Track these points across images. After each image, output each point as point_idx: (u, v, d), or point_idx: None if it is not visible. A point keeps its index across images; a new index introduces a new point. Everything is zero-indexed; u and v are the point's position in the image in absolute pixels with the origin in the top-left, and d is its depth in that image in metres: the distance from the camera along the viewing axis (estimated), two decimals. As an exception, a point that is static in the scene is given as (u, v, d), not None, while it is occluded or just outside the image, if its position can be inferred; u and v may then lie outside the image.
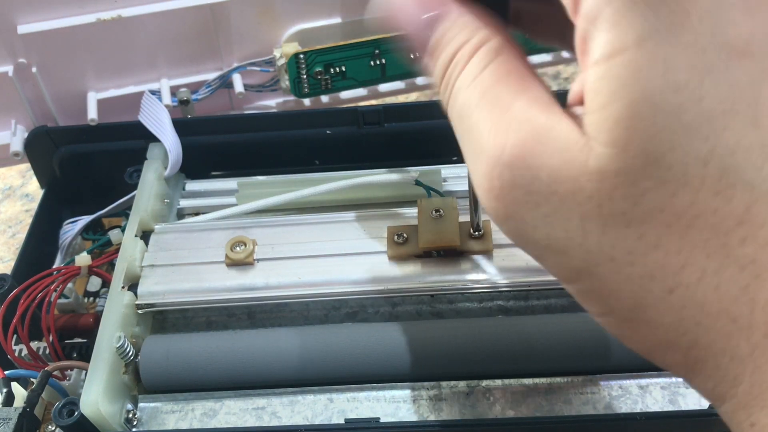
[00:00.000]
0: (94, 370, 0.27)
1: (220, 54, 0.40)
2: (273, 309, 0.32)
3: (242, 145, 0.38)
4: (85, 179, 0.39)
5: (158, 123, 0.36)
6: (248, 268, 0.31)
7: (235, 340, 0.29)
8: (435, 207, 0.31)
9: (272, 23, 0.40)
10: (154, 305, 0.31)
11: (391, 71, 0.41)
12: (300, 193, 0.34)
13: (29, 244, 0.36)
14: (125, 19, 0.37)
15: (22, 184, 0.53)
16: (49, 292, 0.31)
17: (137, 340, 0.30)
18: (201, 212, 0.36)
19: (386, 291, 0.30)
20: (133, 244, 0.32)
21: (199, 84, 0.41)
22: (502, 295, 0.31)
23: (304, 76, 0.40)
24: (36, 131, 0.38)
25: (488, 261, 0.30)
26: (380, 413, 0.28)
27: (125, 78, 0.40)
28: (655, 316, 0.15)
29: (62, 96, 0.39)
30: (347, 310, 0.31)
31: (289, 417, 0.28)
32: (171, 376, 0.29)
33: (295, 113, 0.40)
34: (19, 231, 0.49)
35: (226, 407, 0.29)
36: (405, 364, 0.28)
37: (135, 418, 0.28)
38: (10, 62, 0.37)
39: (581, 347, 0.28)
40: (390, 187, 0.35)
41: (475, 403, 0.28)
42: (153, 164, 0.35)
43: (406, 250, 0.30)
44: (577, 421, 0.26)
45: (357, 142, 0.38)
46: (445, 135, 0.25)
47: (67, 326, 0.33)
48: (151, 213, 0.34)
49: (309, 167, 0.38)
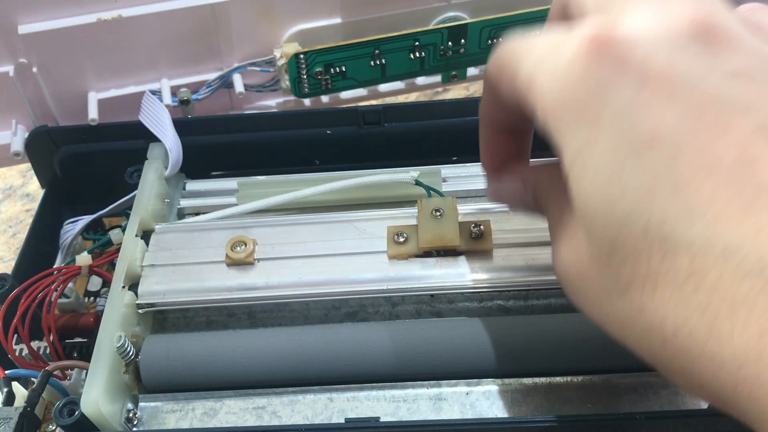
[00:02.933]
0: (94, 369, 0.27)
1: (220, 54, 0.40)
2: (273, 309, 0.32)
3: (242, 145, 0.38)
4: (85, 179, 0.39)
5: (159, 123, 0.36)
6: (248, 267, 0.31)
7: (235, 340, 0.30)
8: (435, 207, 0.31)
9: (272, 23, 0.40)
10: (154, 305, 0.31)
11: (391, 71, 0.41)
12: (300, 193, 0.34)
13: (30, 243, 0.36)
14: (126, 19, 0.37)
15: (23, 183, 0.53)
16: (50, 292, 0.31)
17: (137, 339, 0.30)
18: (201, 212, 0.36)
19: (386, 291, 0.30)
20: (134, 244, 0.32)
21: (199, 84, 0.41)
22: (502, 295, 0.31)
23: (305, 76, 0.40)
24: (36, 131, 0.38)
25: (488, 261, 0.30)
26: (380, 413, 0.28)
27: (126, 78, 0.40)
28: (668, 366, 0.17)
29: (63, 96, 0.39)
30: (347, 310, 0.31)
31: (290, 416, 0.28)
32: (171, 376, 0.29)
33: (295, 113, 0.40)
34: (20, 231, 0.49)
35: (226, 407, 0.29)
36: (405, 363, 0.28)
37: (135, 417, 0.28)
38: (11, 62, 0.37)
39: (581, 347, 0.28)
40: (390, 187, 0.35)
41: (475, 403, 0.28)
42: (153, 164, 0.35)
43: (406, 250, 0.31)
44: (577, 421, 0.26)
45: (357, 142, 0.38)
46: (445, 135, 0.25)
47: (68, 326, 0.33)
48: (152, 213, 0.34)
49: (309, 167, 0.38)
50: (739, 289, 0.15)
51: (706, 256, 0.16)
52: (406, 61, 0.41)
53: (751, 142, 0.16)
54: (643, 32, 0.18)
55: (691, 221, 0.16)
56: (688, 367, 0.17)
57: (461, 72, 0.43)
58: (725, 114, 0.17)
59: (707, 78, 0.17)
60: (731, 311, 0.15)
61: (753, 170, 0.16)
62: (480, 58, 0.42)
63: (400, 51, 0.40)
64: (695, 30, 0.18)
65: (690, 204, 0.16)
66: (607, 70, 0.18)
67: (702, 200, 0.16)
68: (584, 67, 0.18)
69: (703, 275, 0.16)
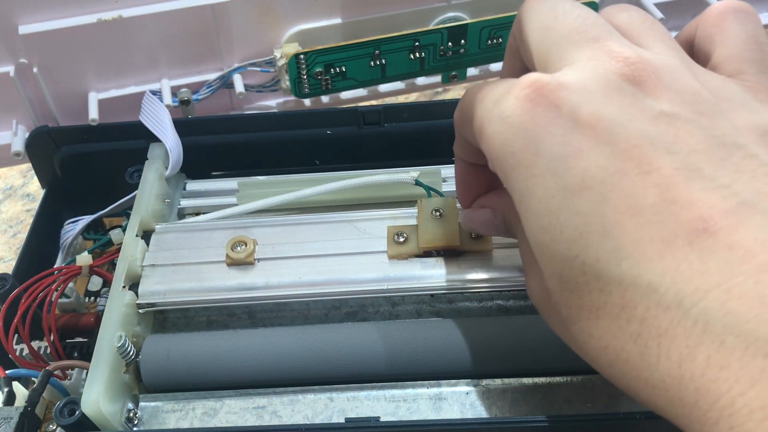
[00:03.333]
0: (95, 369, 0.27)
1: (220, 54, 0.40)
2: (273, 308, 0.32)
3: (243, 145, 0.38)
4: (86, 179, 0.39)
5: (159, 123, 0.36)
6: (249, 267, 0.31)
7: (235, 340, 0.30)
8: (435, 207, 0.31)
9: (272, 24, 0.40)
10: (154, 305, 0.31)
11: (391, 71, 0.41)
12: (300, 193, 0.34)
13: (30, 243, 0.36)
14: (126, 19, 0.37)
15: (23, 183, 0.53)
16: (50, 292, 0.31)
17: (138, 339, 0.30)
18: (202, 212, 0.36)
19: (386, 291, 0.30)
20: (134, 244, 0.32)
21: (199, 84, 0.41)
22: (502, 295, 0.31)
23: (305, 76, 0.40)
24: (37, 131, 0.38)
25: (488, 261, 0.30)
26: (380, 412, 0.28)
27: (126, 78, 0.40)
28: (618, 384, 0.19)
29: (63, 96, 0.39)
30: (347, 310, 0.31)
31: (290, 416, 0.28)
32: (172, 376, 0.29)
33: (296, 113, 0.40)
34: (20, 231, 0.49)
35: (226, 406, 0.29)
36: (405, 363, 0.29)
37: (136, 417, 0.29)
38: (11, 62, 0.37)
39: (581, 347, 0.28)
40: (390, 187, 0.35)
41: (475, 403, 0.28)
42: (154, 164, 0.35)
43: (406, 250, 0.31)
44: (577, 421, 0.26)
45: (357, 142, 0.38)
46: (445, 135, 0.25)
47: (68, 326, 0.33)
48: (152, 213, 0.34)
49: (309, 167, 0.38)
50: (662, 321, 0.17)
51: (634, 292, 0.17)
52: (406, 62, 0.41)
53: (672, 182, 0.17)
54: (577, 80, 0.19)
55: (619, 260, 0.18)
56: (631, 387, 0.18)
57: (461, 72, 0.43)
58: (649, 155, 0.18)
59: (634, 120, 0.19)
60: (657, 340, 0.17)
61: (673, 210, 0.17)
62: (480, 58, 0.42)
63: (400, 51, 0.40)
64: (625, 74, 0.19)
65: (617, 244, 0.18)
66: (541, 118, 0.19)
67: (628, 240, 0.18)
68: (520, 117, 0.20)
69: (632, 308, 0.18)
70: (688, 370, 0.16)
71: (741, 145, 0.18)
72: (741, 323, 0.15)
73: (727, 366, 0.15)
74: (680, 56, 0.21)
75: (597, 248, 0.18)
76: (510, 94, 0.20)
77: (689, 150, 0.18)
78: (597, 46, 0.20)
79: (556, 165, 0.19)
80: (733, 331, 0.16)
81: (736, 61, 0.21)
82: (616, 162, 0.18)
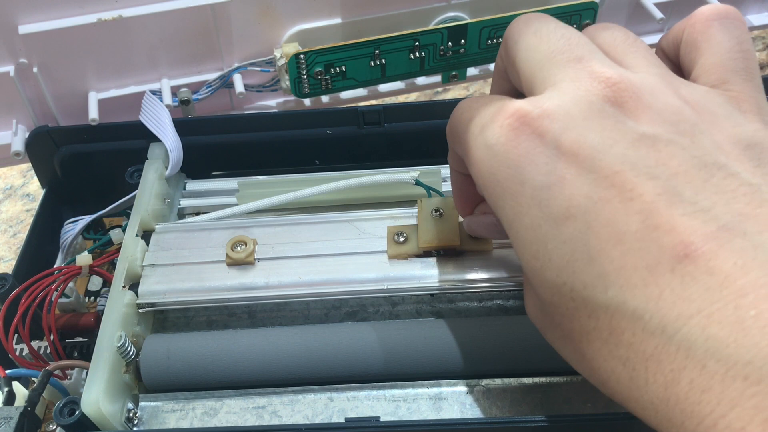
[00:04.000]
0: (95, 369, 0.27)
1: (220, 54, 0.40)
2: (273, 308, 0.32)
3: (242, 145, 0.38)
4: (86, 179, 0.39)
5: (159, 123, 0.36)
6: (249, 267, 0.31)
7: (235, 340, 0.30)
8: (435, 207, 0.31)
9: (272, 23, 0.40)
10: (154, 304, 0.31)
11: (391, 71, 0.41)
12: (300, 193, 0.34)
13: (30, 243, 0.36)
14: (126, 19, 0.37)
15: (23, 183, 0.53)
16: (50, 292, 0.31)
17: (138, 339, 0.30)
18: (202, 212, 0.36)
19: (386, 290, 0.30)
20: (134, 244, 0.32)
21: (199, 84, 0.41)
22: (502, 295, 0.31)
23: (305, 76, 0.40)
24: (37, 131, 0.38)
25: (488, 261, 0.30)
26: (380, 412, 0.28)
27: (126, 78, 0.40)
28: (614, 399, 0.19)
29: (63, 96, 0.39)
30: (347, 310, 0.31)
31: (290, 416, 0.28)
32: (172, 375, 0.29)
33: (296, 113, 0.40)
34: (20, 230, 0.50)
35: (226, 406, 0.29)
36: (405, 363, 0.29)
37: (136, 417, 0.29)
38: (11, 62, 0.37)
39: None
40: (390, 187, 0.35)
41: (474, 403, 0.28)
42: (154, 164, 0.35)
43: (406, 250, 0.31)
44: (577, 421, 0.26)
45: (357, 142, 0.38)
46: (445, 135, 0.25)
47: (68, 325, 0.33)
48: (152, 212, 0.34)
49: (309, 167, 0.38)
50: (648, 346, 0.17)
51: (621, 318, 0.18)
52: (406, 61, 0.41)
53: (654, 207, 0.18)
54: (559, 106, 0.20)
55: (605, 287, 0.18)
56: (624, 404, 0.19)
57: (461, 72, 0.43)
58: (631, 181, 0.18)
59: (615, 146, 0.19)
60: (644, 364, 0.17)
61: (655, 236, 0.17)
62: (480, 58, 0.42)
63: (400, 51, 0.40)
64: (606, 96, 0.20)
65: (603, 271, 0.18)
66: (524, 147, 0.20)
67: (612, 268, 0.18)
68: (504, 146, 0.20)
69: (620, 333, 0.18)
70: (674, 393, 0.17)
71: (721, 165, 0.18)
72: (721, 348, 0.16)
73: (709, 389, 0.16)
74: (661, 73, 0.21)
75: (583, 275, 0.18)
76: (494, 122, 0.21)
77: (670, 173, 0.18)
78: (579, 67, 0.20)
79: (540, 194, 0.19)
80: (713, 355, 0.16)
81: (720, 70, 0.21)
82: (598, 190, 0.18)
